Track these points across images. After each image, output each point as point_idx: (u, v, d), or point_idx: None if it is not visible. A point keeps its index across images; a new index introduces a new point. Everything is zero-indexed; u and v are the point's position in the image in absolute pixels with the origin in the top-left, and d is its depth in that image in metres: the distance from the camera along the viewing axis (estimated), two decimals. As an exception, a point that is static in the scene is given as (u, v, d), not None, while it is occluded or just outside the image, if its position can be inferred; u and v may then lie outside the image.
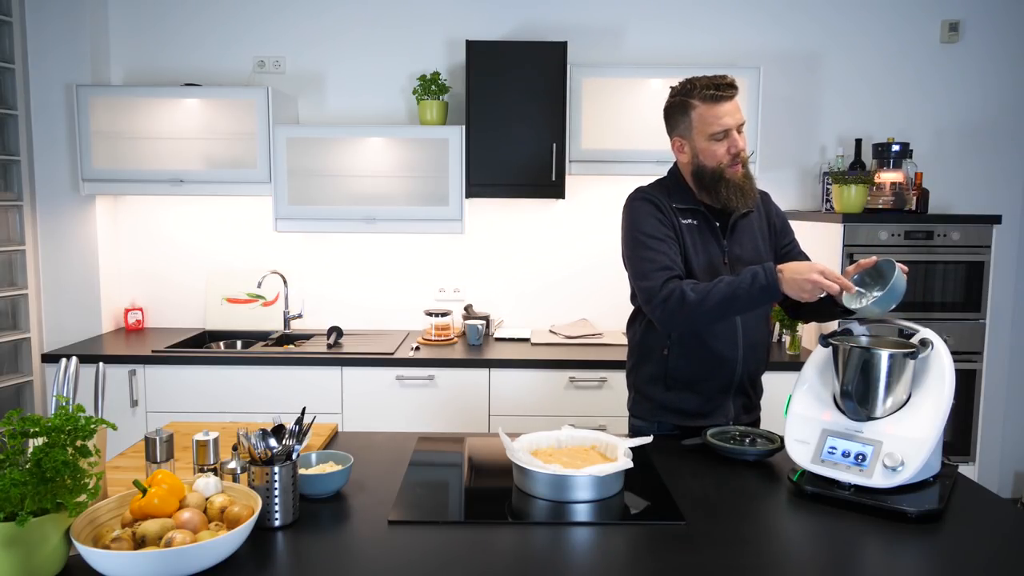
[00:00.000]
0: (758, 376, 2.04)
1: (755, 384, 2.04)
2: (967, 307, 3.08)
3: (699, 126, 1.86)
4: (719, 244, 1.93)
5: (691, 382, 1.95)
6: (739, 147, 1.85)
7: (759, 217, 2.00)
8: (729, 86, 1.84)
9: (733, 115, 1.84)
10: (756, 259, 1.94)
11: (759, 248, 1.97)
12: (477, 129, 3.17)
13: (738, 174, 1.87)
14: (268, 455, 1.39)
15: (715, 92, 1.82)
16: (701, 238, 1.92)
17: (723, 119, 1.83)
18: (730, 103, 1.84)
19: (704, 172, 1.89)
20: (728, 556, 1.30)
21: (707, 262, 1.90)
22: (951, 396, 1.52)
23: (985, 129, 3.56)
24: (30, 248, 3.33)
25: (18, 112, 3.27)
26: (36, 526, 1.14)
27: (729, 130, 1.84)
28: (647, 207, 1.92)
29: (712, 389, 1.95)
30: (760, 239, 1.98)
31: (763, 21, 3.50)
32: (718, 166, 1.86)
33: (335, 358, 3.04)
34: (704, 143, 1.86)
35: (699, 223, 1.92)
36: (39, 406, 3.34)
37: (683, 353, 1.94)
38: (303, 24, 3.51)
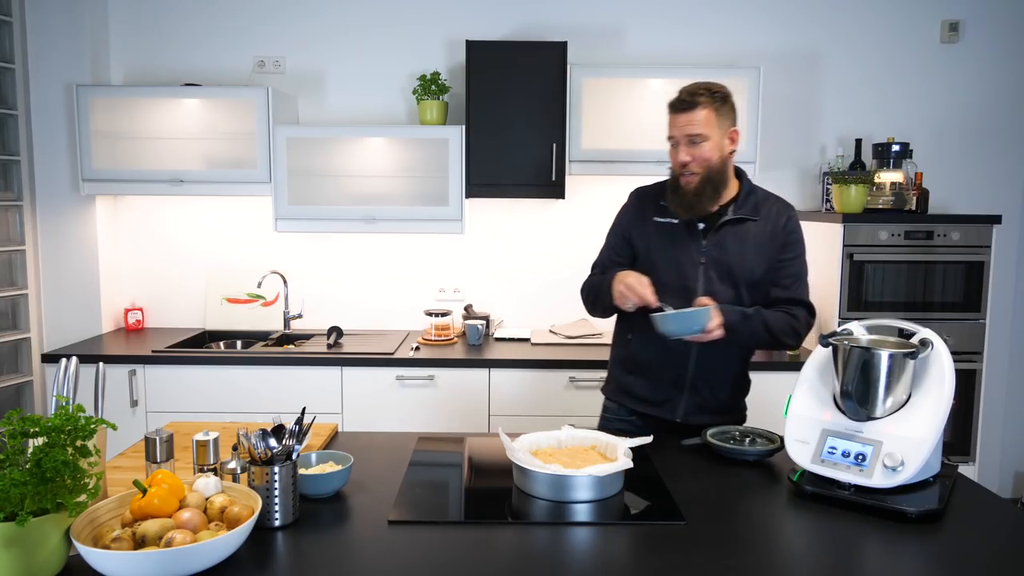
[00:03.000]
0: (720, 381, 2.03)
1: (714, 387, 2.02)
2: (967, 307, 3.08)
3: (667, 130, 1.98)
4: (697, 244, 1.97)
5: (646, 370, 2.06)
6: (678, 159, 1.93)
7: (764, 228, 1.98)
8: (690, 96, 1.90)
9: (683, 127, 1.91)
10: (736, 264, 1.95)
11: (745, 255, 1.96)
12: (477, 129, 3.17)
13: (689, 185, 1.93)
14: (268, 455, 1.39)
15: (675, 102, 1.93)
16: (677, 237, 1.99)
17: (672, 128, 1.94)
18: (687, 114, 1.90)
19: (671, 172, 2.01)
20: (728, 556, 1.30)
21: (674, 259, 1.99)
22: (951, 396, 1.52)
23: (985, 129, 3.56)
24: (30, 248, 3.33)
25: (18, 112, 3.27)
26: (36, 526, 1.14)
27: (676, 140, 1.93)
28: (623, 211, 2.14)
29: (664, 380, 2.03)
30: (754, 248, 1.96)
31: (763, 21, 3.50)
32: (674, 171, 1.98)
33: (335, 358, 3.04)
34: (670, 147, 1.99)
35: (680, 222, 1.99)
36: (39, 406, 3.34)
37: (643, 340, 2.03)
38: (303, 24, 3.51)
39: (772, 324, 1.94)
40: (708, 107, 1.89)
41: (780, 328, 1.95)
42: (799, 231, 2.02)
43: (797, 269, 2.01)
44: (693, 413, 2.01)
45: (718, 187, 1.94)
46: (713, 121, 1.90)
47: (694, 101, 1.89)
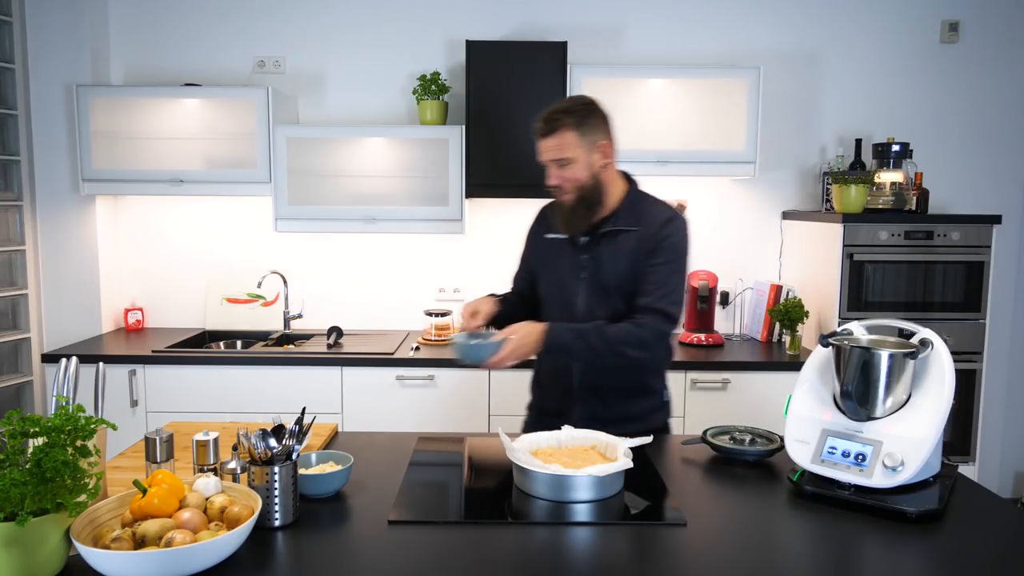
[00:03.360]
0: (608, 391, 1.98)
1: (603, 397, 1.98)
2: (967, 307, 3.08)
3: None
4: (577, 258, 1.98)
5: (543, 382, 2.11)
6: (549, 181, 1.93)
7: (638, 238, 1.93)
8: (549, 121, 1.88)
9: (547, 152, 1.90)
10: (611, 276, 1.93)
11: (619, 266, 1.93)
12: (477, 129, 3.17)
13: (567, 202, 1.94)
14: (268, 455, 1.39)
15: (538, 126, 1.91)
16: (558, 251, 2.01)
17: (540, 154, 1.93)
18: (548, 139, 1.88)
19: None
20: (728, 556, 1.30)
21: (557, 274, 2.01)
22: (951, 396, 1.52)
23: (985, 129, 3.56)
24: (30, 248, 3.33)
25: (18, 112, 3.27)
26: (36, 526, 1.14)
27: (546, 163, 1.93)
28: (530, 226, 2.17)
29: (556, 392, 2.05)
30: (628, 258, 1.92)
31: (763, 21, 3.50)
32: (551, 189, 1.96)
33: (335, 358, 3.04)
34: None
35: (568, 237, 2.00)
36: (39, 406, 3.34)
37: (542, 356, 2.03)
38: (303, 24, 3.51)
39: (612, 337, 1.84)
40: (569, 129, 1.86)
41: (620, 339, 1.85)
42: (676, 238, 1.92)
43: (661, 276, 1.89)
44: (585, 423, 1.90)
45: (592, 204, 1.93)
46: (575, 141, 1.87)
47: (553, 126, 1.87)
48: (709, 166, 3.21)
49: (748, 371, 3.02)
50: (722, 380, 3.01)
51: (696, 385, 3.01)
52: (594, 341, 1.84)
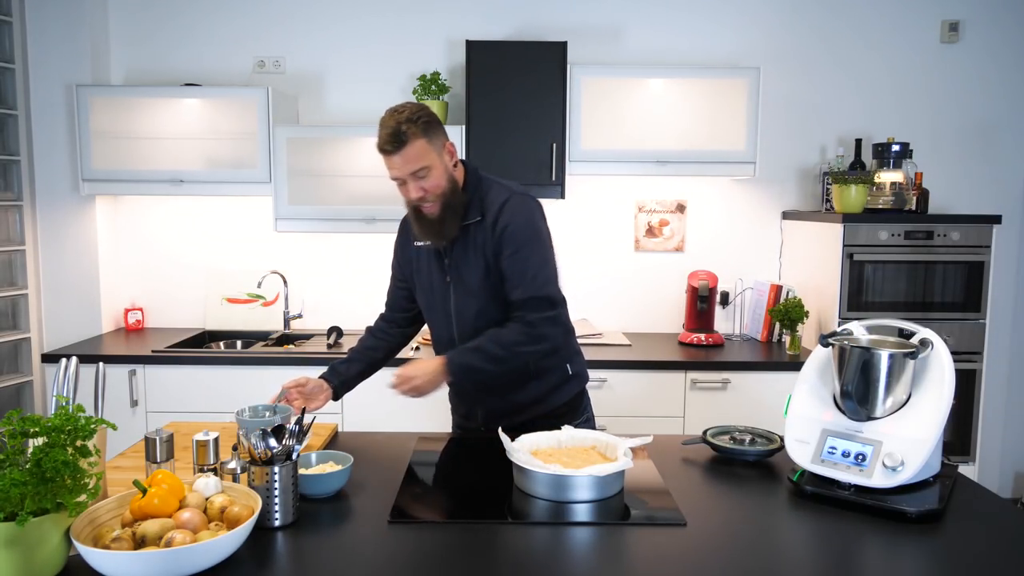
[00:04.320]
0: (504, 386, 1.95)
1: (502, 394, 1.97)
2: (967, 307, 3.08)
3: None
4: (441, 264, 1.95)
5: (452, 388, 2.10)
6: (410, 196, 1.83)
7: (484, 228, 1.88)
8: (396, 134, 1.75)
9: (400, 167, 1.79)
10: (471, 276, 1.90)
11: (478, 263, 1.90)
12: (477, 129, 3.17)
13: (433, 212, 1.85)
14: (268, 455, 1.39)
15: (381, 147, 1.79)
16: (429, 260, 1.98)
17: (393, 170, 1.82)
18: (400, 153, 1.77)
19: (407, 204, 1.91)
20: (728, 556, 1.30)
21: (428, 283, 1.99)
22: (951, 396, 1.52)
23: (985, 129, 3.56)
24: (30, 248, 3.33)
25: (18, 112, 3.27)
26: (36, 526, 1.14)
27: (401, 179, 1.82)
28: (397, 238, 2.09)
29: (457, 395, 2.10)
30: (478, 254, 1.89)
31: (763, 21, 3.50)
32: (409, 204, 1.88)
33: (335, 358, 3.03)
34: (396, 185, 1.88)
35: (431, 245, 1.95)
36: (39, 406, 3.34)
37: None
38: (303, 24, 3.51)
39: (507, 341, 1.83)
40: (418, 137, 1.77)
41: (515, 342, 1.83)
42: (515, 224, 1.86)
43: (520, 266, 1.85)
44: (492, 419, 1.92)
45: (457, 208, 1.87)
46: (427, 148, 1.79)
47: (403, 139, 1.75)
48: (709, 166, 3.21)
49: (748, 371, 3.02)
50: (722, 380, 3.01)
51: (696, 385, 3.01)
52: (494, 351, 1.83)
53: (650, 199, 3.53)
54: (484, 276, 1.89)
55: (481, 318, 1.91)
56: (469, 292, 1.91)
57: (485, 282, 1.90)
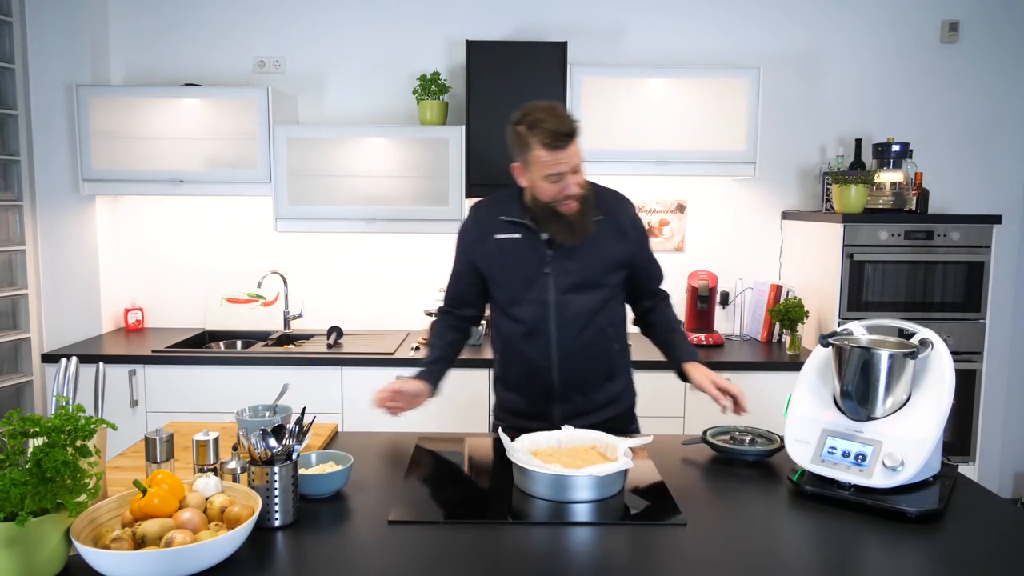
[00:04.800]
0: (588, 384, 2.01)
1: (587, 391, 2.00)
2: (967, 307, 3.08)
3: (536, 167, 1.85)
4: (541, 256, 1.94)
5: (516, 386, 2.05)
6: (571, 192, 1.85)
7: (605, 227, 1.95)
8: (567, 135, 1.81)
9: (569, 161, 1.82)
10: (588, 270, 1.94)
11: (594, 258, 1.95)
12: (477, 129, 3.17)
13: (572, 209, 1.89)
14: (268, 455, 1.39)
15: (553, 141, 1.80)
16: (518, 252, 1.96)
17: (559, 165, 1.82)
18: (569, 147, 1.82)
19: (538, 202, 1.91)
20: (728, 556, 1.30)
21: (524, 275, 1.96)
22: (951, 396, 1.52)
23: (985, 129, 3.56)
24: (30, 248, 3.33)
25: (18, 112, 3.27)
26: (36, 526, 1.14)
27: (563, 174, 1.84)
28: (462, 231, 2.07)
29: (534, 394, 2.02)
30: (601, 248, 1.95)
31: (763, 21, 3.50)
32: (551, 201, 1.88)
33: (335, 358, 3.04)
34: (540, 181, 1.86)
35: (523, 235, 1.96)
36: (39, 406, 3.34)
37: (506, 358, 2.05)
38: (303, 24, 3.51)
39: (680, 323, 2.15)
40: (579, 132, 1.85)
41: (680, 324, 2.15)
42: (640, 220, 2.07)
43: (653, 259, 2.10)
44: (569, 419, 1.94)
45: (591, 206, 1.93)
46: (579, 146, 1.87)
47: (572, 135, 1.82)
48: (709, 166, 3.21)
49: (748, 371, 3.02)
50: (722, 380, 3.00)
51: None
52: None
53: (650, 199, 3.53)
54: (601, 269, 1.96)
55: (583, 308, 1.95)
56: (577, 283, 1.94)
57: (599, 275, 1.96)
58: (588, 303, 1.95)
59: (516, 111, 1.90)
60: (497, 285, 2.01)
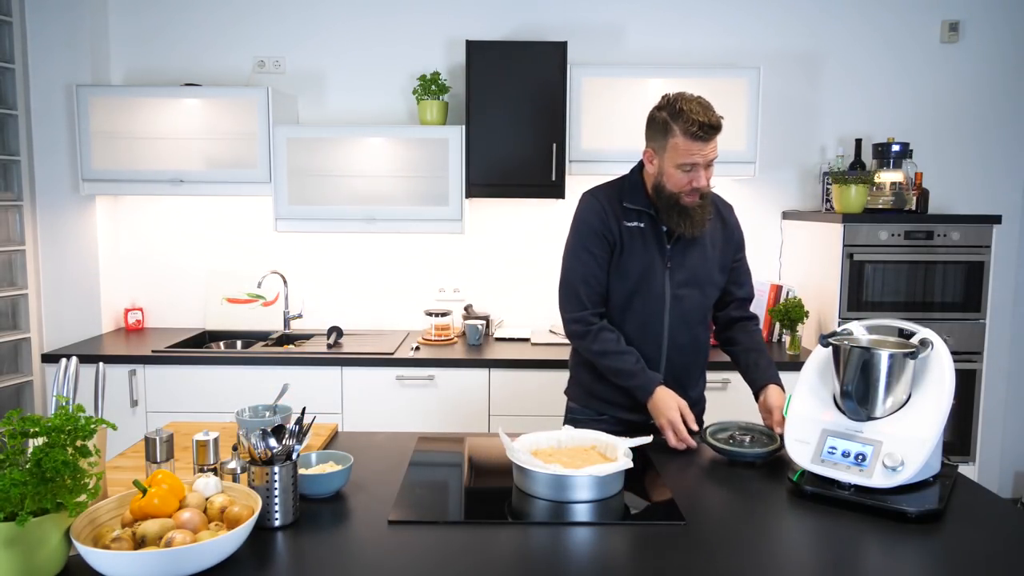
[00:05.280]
0: (690, 378, 2.07)
1: (686, 386, 2.05)
2: (967, 307, 3.08)
3: (672, 154, 1.87)
4: (662, 249, 1.97)
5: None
6: (702, 184, 1.88)
7: (713, 227, 2.02)
8: (713, 127, 1.83)
9: (707, 155, 1.86)
10: (700, 268, 1.99)
11: (706, 256, 2.00)
12: (477, 129, 3.17)
13: (694, 203, 1.92)
14: (268, 455, 1.39)
15: (699, 131, 1.82)
16: (643, 241, 1.97)
17: (696, 156, 1.85)
18: (713, 141, 1.86)
19: (663, 191, 1.93)
20: (728, 556, 1.30)
21: (646, 265, 1.96)
22: (951, 396, 1.52)
23: (985, 129, 3.56)
24: (30, 248, 3.33)
25: (18, 112, 3.27)
26: (36, 526, 1.14)
27: (698, 165, 1.87)
28: (591, 215, 1.99)
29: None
30: (711, 247, 2.01)
31: (763, 21, 3.50)
32: (677, 191, 1.90)
33: (335, 358, 3.04)
34: (672, 169, 1.88)
35: (645, 225, 1.98)
36: (39, 406, 3.34)
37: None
38: (303, 24, 3.51)
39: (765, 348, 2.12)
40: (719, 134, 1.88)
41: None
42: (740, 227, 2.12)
43: (747, 267, 2.14)
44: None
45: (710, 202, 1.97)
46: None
47: (718, 126, 1.84)
48: (709, 166, 3.21)
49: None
50: (722, 380, 3.01)
51: (696, 385, 3.01)
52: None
53: (650, 199, 3.53)
54: (711, 270, 2.01)
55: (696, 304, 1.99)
56: (692, 281, 1.98)
57: (709, 276, 2.01)
58: (700, 300, 2.01)
59: (661, 97, 1.92)
60: (619, 275, 1.98)
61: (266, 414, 1.75)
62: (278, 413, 1.75)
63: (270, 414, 1.75)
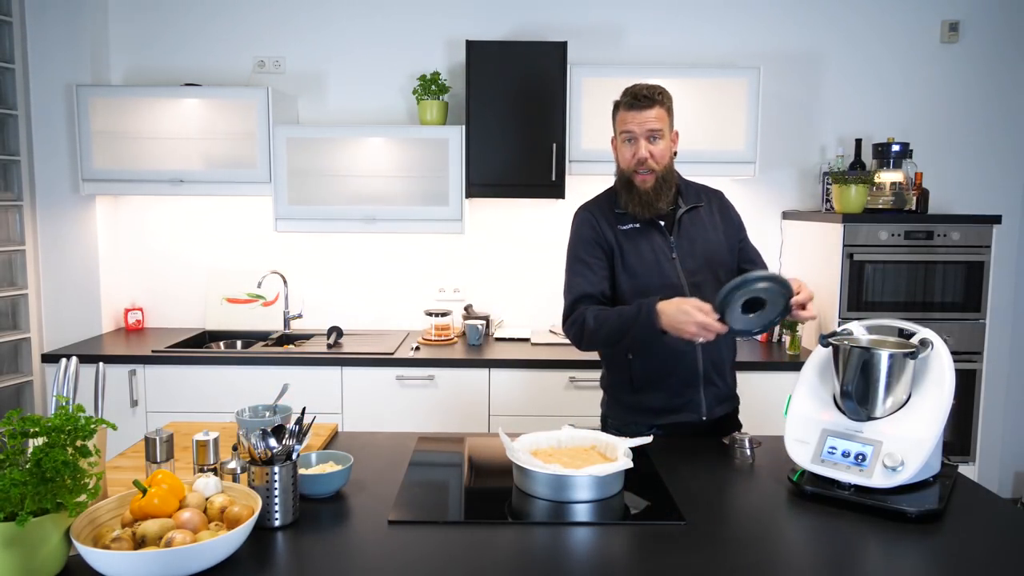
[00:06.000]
0: (725, 365, 2.06)
1: (723, 374, 2.05)
2: (967, 307, 3.08)
3: (616, 127, 2.00)
4: (666, 240, 1.99)
5: (656, 380, 2.01)
6: (641, 155, 1.93)
7: (710, 212, 2.06)
8: (646, 96, 1.91)
9: (643, 124, 1.92)
10: (709, 251, 2.00)
11: (711, 240, 2.02)
12: (477, 129, 3.17)
13: (645, 184, 1.95)
14: (268, 455, 1.39)
15: (632, 100, 1.93)
16: (645, 238, 2.00)
17: (630, 124, 1.94)
18: (646, 112, 1.92)
19: (619, 174, 2.02)
20: (728, 556, 1.30)
21: (653, 260, 1.98)
22: (951, 396, 1.52)
23: (985, 129, 3.56)
24: (30, 248, 3.33)
25: (18, 112, 3.27)
26: (36, 526, 1.14)
27: (635, 136, 1.94)
28: (584, 226, 2.05)
29: (678, 385, 2.00)
30: (712, 230, 2.04)
31: (763, 21, 3.50)
32: (626, 169, 1.98)
33: (335, 358, 3.04)
34: (619, 144, 2.00)
35: (641, 225, 2.00)
36: (39, 406, 3.34)
37: (645, 355, 2.00)
38: (303, 24, 3.51)
39: None
40: (663, 105, 1.94)
41: None
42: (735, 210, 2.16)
43: (751, 244, 2.15)
44: (714, 406, 2.01)
45: (671, 184, 2.00)
46: (666, 120, 1.96)
47: (654, 98, 1.92)
48: (709, 166, 3.21)
49: (748, 371, 3.02)
50: (722, 380, 3.00)
51: (696, 385, 3.01)
52: None
53: (650, 199, 3.53)
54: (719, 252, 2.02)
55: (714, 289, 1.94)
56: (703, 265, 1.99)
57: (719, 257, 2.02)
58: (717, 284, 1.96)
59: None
60: (628, 274, 1.99)
61: (266, 414, 1.75)
62: (278, 413, 1.75)
63: (270, 414, 1.75)
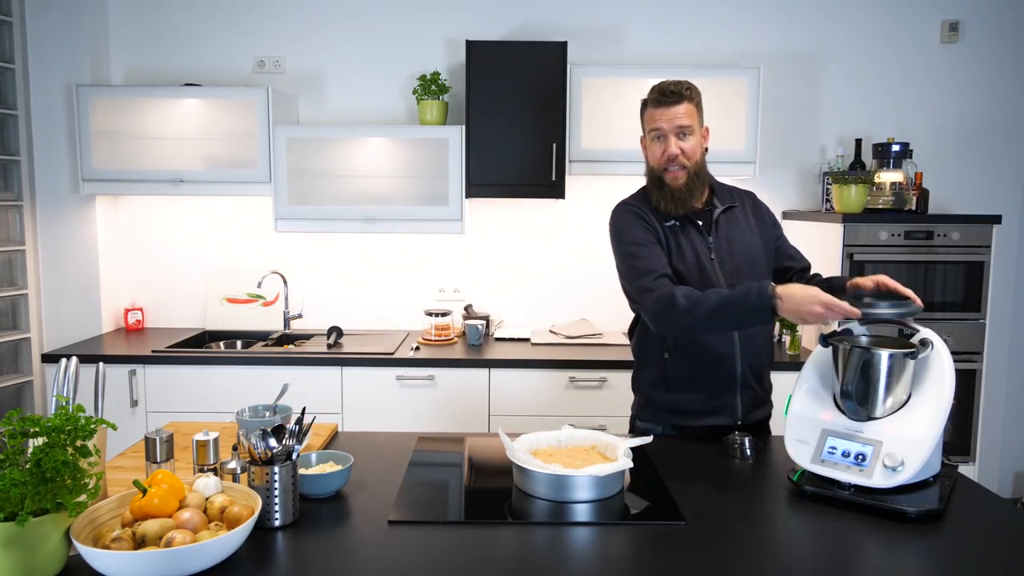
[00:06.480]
0: (763, 370, 2.03)
1: (761, 378, 2.02)
2: (967, 307, 3.08)
3: (645, 125, 1.98)
4: (704, 241, 1.97)
5: (692, 381, 1.97)
6: (671, 152, 1.91)
7: (744, 213, 2.04)
8: (674, 92, 1.90)
9: (672, 120, 1.91)
10: (746, 252, 1.97)
11: (748, 241, 1.99)
12: (477, 129, 3.17)
13: (677, 180, 1.93)
14: (268, 455, 1.39)
15: (659, 96, 1.92)
16: (685, 237, 1.97)
17: (659, 121, 1.92)
18: (674, 108, 1.90)
19: (650, 172, 2.00)
20: (728, 556, 1.30)
21: (694, 260, 1.95)
22: (951, 396, 1.52)
23: (985, 129, 3.56)
24: (30, 248, 3.33)
25: (18, 112, 3.27)
26: (36, 526, 1.14)
27: (664, 133, 1.92)
28: (629, 217, 2.00)
29: (714, 387, 1.96)
30: (748, 231, 2.01)
31: (763, 21, 3.50)
32: (656, 167, 1.96)
33: (335, 358, 3.04)
34: (648, 143, 1.99)
35: (680, 223, 1.98)
36: (39, 406, 3.34)
37: (682, 354, 1.96)
38: (303, 24, 3.51)
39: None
40: (693, 101, 1.93)
41: None
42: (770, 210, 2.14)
43: (789, 243, 2.13)
44: (750, 410, 1.98)
45: (704, 182, 1.99)
46: (696, 116, 1.95)
47: (682, 94, 1.90)
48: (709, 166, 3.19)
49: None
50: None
51: (696, 385, 3.01)
52: None
53: (650, 199, 3.53)
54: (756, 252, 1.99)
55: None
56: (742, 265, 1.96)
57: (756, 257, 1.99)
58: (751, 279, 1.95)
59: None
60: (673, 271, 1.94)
61: (266, 414, 1.75)
62: (278, 413, 1.75)
63: (270, 414, 1.75)
